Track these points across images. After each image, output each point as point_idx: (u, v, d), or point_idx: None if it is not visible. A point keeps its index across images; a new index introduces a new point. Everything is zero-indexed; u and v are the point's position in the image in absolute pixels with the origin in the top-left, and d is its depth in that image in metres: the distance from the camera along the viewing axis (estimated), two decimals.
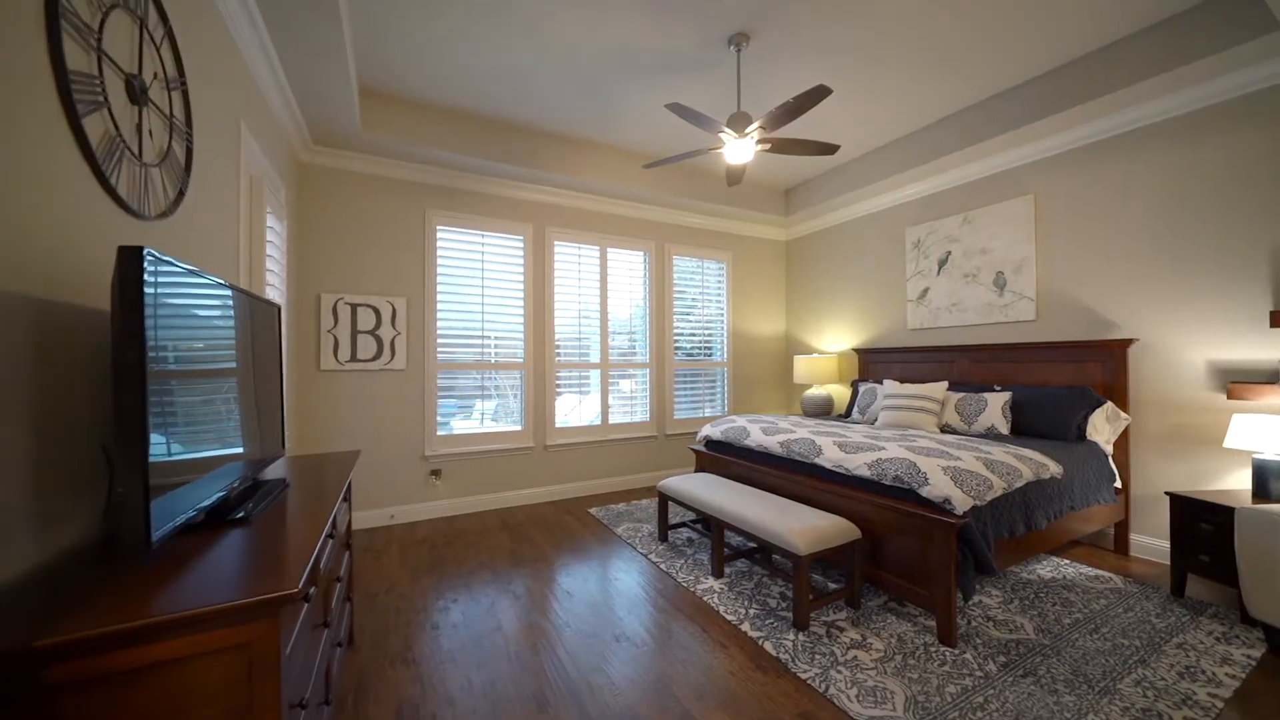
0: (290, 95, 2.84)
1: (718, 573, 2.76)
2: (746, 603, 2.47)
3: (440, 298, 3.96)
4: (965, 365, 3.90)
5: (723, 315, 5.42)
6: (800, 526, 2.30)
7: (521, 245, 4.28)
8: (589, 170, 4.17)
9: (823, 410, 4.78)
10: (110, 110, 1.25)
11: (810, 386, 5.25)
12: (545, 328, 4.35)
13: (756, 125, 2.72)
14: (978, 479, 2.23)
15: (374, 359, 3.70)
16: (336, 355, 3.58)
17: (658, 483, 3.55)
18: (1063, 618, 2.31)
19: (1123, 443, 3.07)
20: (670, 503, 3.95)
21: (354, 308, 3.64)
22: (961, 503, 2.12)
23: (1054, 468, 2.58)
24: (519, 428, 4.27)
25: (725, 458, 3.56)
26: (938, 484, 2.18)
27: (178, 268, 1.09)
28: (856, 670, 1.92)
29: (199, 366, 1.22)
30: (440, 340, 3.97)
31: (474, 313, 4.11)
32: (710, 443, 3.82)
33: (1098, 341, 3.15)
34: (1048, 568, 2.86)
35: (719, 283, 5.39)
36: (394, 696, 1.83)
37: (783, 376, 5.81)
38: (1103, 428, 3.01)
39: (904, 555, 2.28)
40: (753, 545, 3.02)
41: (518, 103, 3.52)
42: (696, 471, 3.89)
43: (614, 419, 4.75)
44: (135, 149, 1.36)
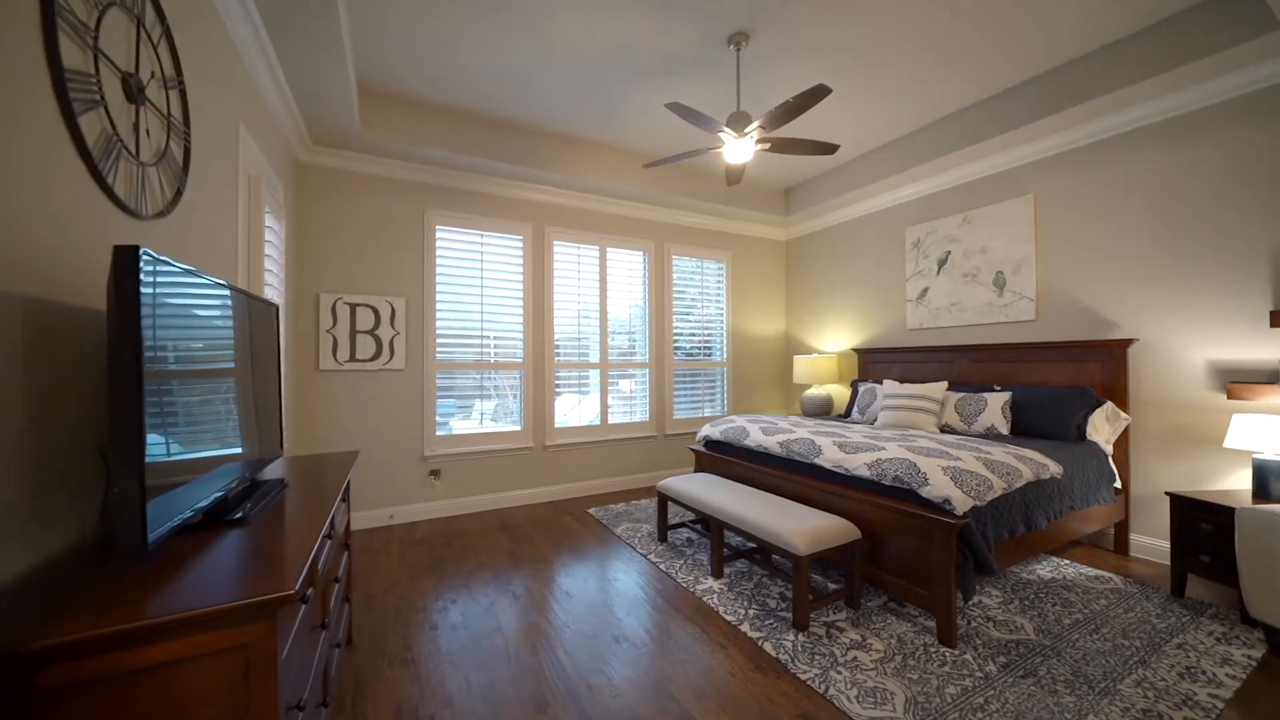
0: (289, 94, 2.83)
1: (717, 573, 2.76)
2: (746, 603, 2.47)
3: (439, 298, 3.96)
4: (965, 365, 3.90)
5: (722, 315, 5.41)
6: (800, 527, 2.30)
7: (521, 245, 4.28)
8: (589, 170, 4.16)
9: (822, 410, 4.77)
10: (107, 109, 1.24)
11: (810, 386, 5.25)
12: (544, 328, 4.34)
13: (756, 125, 2.71)
14: (978, 479, 2.22)
15: (373, 359, 3.69)
16: (335, 355, 3.57)
17: (657, 483, 3.55)
18: (1063, 618, 2.31)
19: (1123, 443, 3.07)
20: (670, 503, 3.94)
21: (353, 307, 3.64)
22: (961, 503, 2.12)
23: (1054, 468, 2.58)
24: (518, 428, 4.27)
25: (725, 458, 3.56)
26: (937, 484, 2.18)
27: (175, 267, 1.08)
28: (856, 671, 1.92)
29: (196, 366, 1.22)
30: (439, 340, 3.96)
31: (473, 313, 4.10)
32: (710, 443, 3.82)
33: (1097, 341, 3.14)
34: (1048, 568, 2.86)
35: (718, 282, 5.39)
36: (392, 697, 1.82)
37: (782, 376, 5.81)
38: (1103, 428, 3.01)
39: (904, 555, 2.28)
40: (752, 545, 3.01)
41: (517, 102, 3.51)
42: (696, 472, 3.88)
43: (613, 419, 4.74)
44: (132, 148, 1.35)
